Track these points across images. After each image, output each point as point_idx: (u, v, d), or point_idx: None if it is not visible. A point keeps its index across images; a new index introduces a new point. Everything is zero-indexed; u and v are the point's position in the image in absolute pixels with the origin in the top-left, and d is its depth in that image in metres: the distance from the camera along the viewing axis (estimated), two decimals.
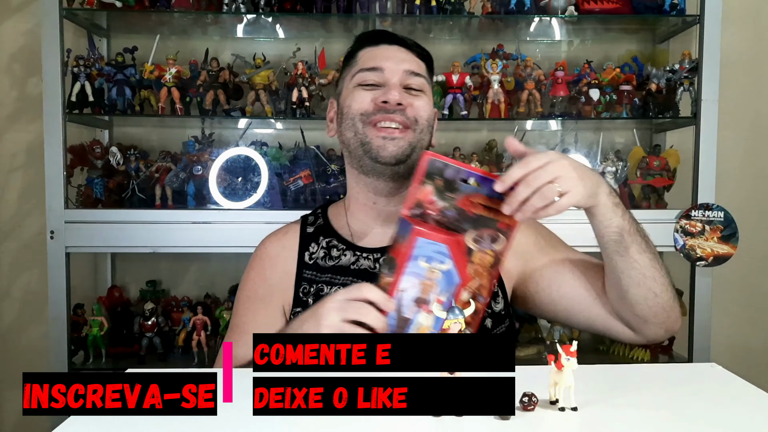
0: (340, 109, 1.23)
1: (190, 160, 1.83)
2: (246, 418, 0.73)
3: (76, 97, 1.79)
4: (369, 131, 1.17)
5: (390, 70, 1.19)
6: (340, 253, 1.21)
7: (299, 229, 1.26)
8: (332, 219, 1.27)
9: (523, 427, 0.75)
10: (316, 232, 1.25)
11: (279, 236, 1.28)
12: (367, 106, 1.18)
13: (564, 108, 1.93)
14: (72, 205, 1.79)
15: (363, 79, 1.20)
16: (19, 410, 2.09)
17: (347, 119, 1.20)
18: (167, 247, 1.79)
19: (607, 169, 1.85)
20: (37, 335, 2.06)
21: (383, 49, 1.23)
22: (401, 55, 1.22)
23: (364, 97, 1.18)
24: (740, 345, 2.17)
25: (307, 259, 1.22)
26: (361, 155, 1.18)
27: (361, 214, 1.24)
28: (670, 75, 1.85)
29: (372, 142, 1.17)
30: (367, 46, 1.24)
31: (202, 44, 1.95)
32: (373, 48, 1.23)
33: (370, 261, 1.19)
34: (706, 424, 0.78)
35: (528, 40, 2.12)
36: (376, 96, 1.17)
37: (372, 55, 1.22)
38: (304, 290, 1.19)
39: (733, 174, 2.11)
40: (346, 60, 1.28)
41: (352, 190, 1.26)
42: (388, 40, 1.24)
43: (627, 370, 1.03)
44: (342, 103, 1.22)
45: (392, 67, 1.19)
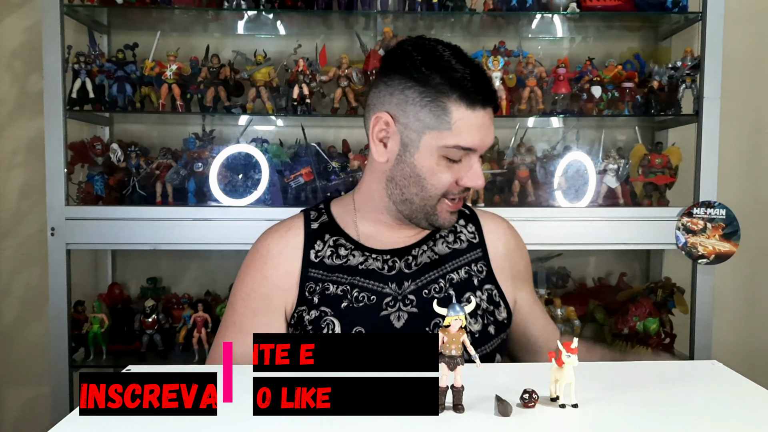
0: (411, 165, 1.12)
1: (191, 157, 1.83)
2: (246, 418, 0.73)
3: (76, 94, 1.79)
4: (441, 206, 1.14)
5: (480, 150, 1.12)
6: (348, 253, 1.19)
7: (302, 225, 1.22)
8: (337, 217, 1.24)
9: (524, 424, 0.75)
10: (321, 229, 1.22)
11: (281, 233, 1.23)
12: (449, 186, 1.12)
13: (566, 105, 1.93)
14: (72, 202, 1.79)
15: (452, 155, 1.10)
16: (20, 407, 2.11)
17: (420, 186, 1.12)
18: (168, 244, 1.78)
19: (609, 167, 1.84)
20: (37, 332, 2.06)
21: (479, 116, 1.09)
22: (490, 122, 1.12)
23: (448, 178, 1.11)
24: (741, 343, 2.17)
25: (313, 257, 1.19)
26: (420, 217, 1.16)
27: (374, 221, 1.22)
28: (672, 72, 1.85)
29: (440, 215, 1.15)
30: (461, 103, 1.08)
31: (203, 41, 1.95)
32: (469, 113, 1.08)
33: (379, 262, 1.18)
34: (706, 422, 0.77)
35: (530, 37, 2.11)
36: (459, 177, 1.11)
37: (470, 127, 1.08)
38: (310, 289, 1.17)
39: (735, 172, 2.11)
40: (423, 91, 1.09)
41: (374, 203, 1.21)
42: (483, 102, 1.10)
43: (628, 368, 1.03)
44: (416, 161, 1.11)
45: (484, 148, 1.12)
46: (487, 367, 1.06)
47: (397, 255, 1.20)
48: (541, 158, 1.90)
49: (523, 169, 1.85)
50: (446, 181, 1.11)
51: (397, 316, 1.15)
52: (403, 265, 1.19)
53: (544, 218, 1.79)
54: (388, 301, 1.15)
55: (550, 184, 1.85)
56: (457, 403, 0.77)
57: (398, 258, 1.19)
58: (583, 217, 1.81)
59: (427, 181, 1.12)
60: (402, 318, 1.15)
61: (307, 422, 0.74)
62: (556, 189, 1.84)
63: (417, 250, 1.21)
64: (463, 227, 1.26)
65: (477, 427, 0.74)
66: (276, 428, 0.73)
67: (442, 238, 1.24)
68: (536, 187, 1.86)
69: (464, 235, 1.25)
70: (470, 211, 1.31)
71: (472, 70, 1.09)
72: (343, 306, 1.14)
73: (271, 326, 1.17)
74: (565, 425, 0.76)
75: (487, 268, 1.24)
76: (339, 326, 1.13)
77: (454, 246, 1.23)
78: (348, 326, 1.13)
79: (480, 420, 0.75)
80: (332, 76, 1.84)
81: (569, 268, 2.12)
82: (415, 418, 0.75)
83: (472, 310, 1.15)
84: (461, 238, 1.25)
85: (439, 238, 1.23)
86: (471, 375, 0.78)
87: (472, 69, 1.09)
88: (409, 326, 1.14)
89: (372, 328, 1.13)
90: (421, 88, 1.09)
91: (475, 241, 1.26)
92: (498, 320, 1.20)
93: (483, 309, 1.19)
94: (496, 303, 1.21)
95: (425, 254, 1.21)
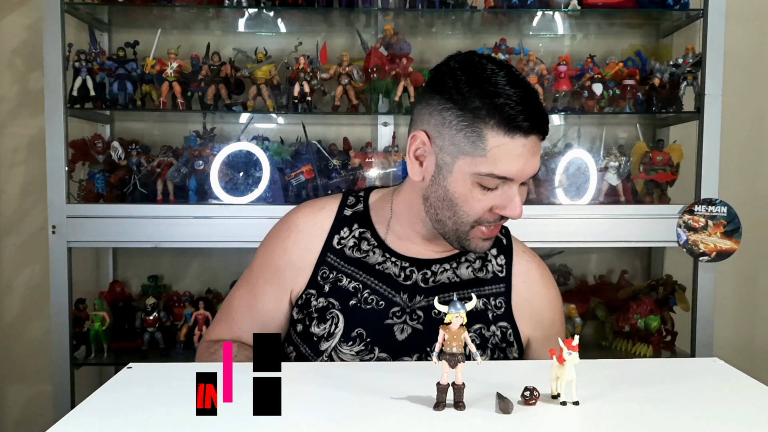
0: (444, 188, 1.06)
1: (192, 155, 1.83)
2: (246, 418, 0.73)
3: (77, 92, 1.79)
4: (475, 232, 1.08)
5: (519, 179, 1.03)
6: (369, 249, 1.17)
7: (337, 208, 1.20)
8: (373, 210, 1.20)
9: (524, 421, 0.75)
10: (353, 217, 1.19)
11: (315, 211, 1.21)
12: (483, 213, 1.06)
13: (567, 103, 1.93)
14: (73, 200, 1.79)
15: (487, 183, 1.03)
16: (22, 403, 2.11)
17: (452, 210, 1.07)
18: (169, 242, 1.79)
19: (610, 164, 1.84)
20: (39, 330, 2.06)
21: (518, 144, 1.00)
22: (534, 151, 1.03)
23: (483, 206, 1.05)
24: (742, 341, 2.17)
25: (334, 243, 1.17)
26: (452, 239, 1.11)
27: (409, 227, 1.17)
28: (674, 69, 1.85)
29: (473, 241, 1.09)
30: (499, 130, 1.00)
31: (204, 39, 1.95)
32: (508, 140, 1.00)
33: (397, 268, 1.15)
34: (709, 419, 0.77)
35: (531, 35, 2.11)
36: (496, 204, 1.04)
37: (506, 155, 1.00)
38: (323, 274, 1.16)
39: (736, 169, 2.10)
40: (460, 114, 1.02)
41: (412, 212, 1.15)
42: (525, 130, 1.00)
43: (629, 365, 1.03)
44: (449, 185, 1.06)
45: (523, 177, 1.03)
46: (489, 365, 1.06)
47: (416, 265, 1.16)
48: (543, 156, 1.89)
49: None
50: (480, 208, 1.05)
51: (401, 328, 1.13)
52: (420, 277, 1.15)
53: (545, 216, 1.79)
54: (396, 311, 1.13)
55: (552, 182, 1.85)
56: (458, 400, 0.77)
57: (416, 269, 1.16)
58: (584, 215, 1.81)
59: (459, 207, 1.06)
60: (406, 331, 1.12)
61: (307, 422, 0.74)
62: (558, 186, 1.84)
63: (438, 267, 1.16)
64: (494, 257, 1.20)
65: (478, 424, 0.74)
66: (276, 428, 0.73)
67: (468, 262, 1.18)
68: (537, 184, 1.86)
69: (492, 265, 1.19)
70: (508, 241, 1.24)
71: (519, 93, 1.00)
72: (351, 303, 1.13)
73: (277, 299, 1.17)
74: (567, 423, 0.76)
75: (506, 306, 1.18)
76: (342, 323, 1.13)
77: (479, 274, 1.18)
78: (351, 325, 1.13)
79: (481, 417, 0.75)
80: (333, 73, 1.84)
81: (570, 265, 2.12)
82: (415, 416, 0.75)
83: (480, 342, 1.14)
84: (488, 267, 1.19)
85: (464, 261, 1.18)
86: (472, 372, 0.78)
87: (519, 92, 1.01)
88: (411, 341, 1.12)
89: (373, 333, 1.12)
90: (458, 111, 1.02)
91: (502, 275, 1.19)
92: (508, 358, 1.16)
93: (493, 344, 1.15)
94: (509, 342, 1.16)
95: (445, 273, 1.16)
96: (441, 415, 0.76)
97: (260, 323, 1.17)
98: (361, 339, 1.12)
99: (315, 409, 0.79)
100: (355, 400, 0.81)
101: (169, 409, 0.78)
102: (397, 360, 1.12)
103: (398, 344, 1.12)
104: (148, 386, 0.87)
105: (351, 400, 0.81)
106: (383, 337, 1.12)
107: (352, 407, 0.79)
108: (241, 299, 1.21)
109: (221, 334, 1.21)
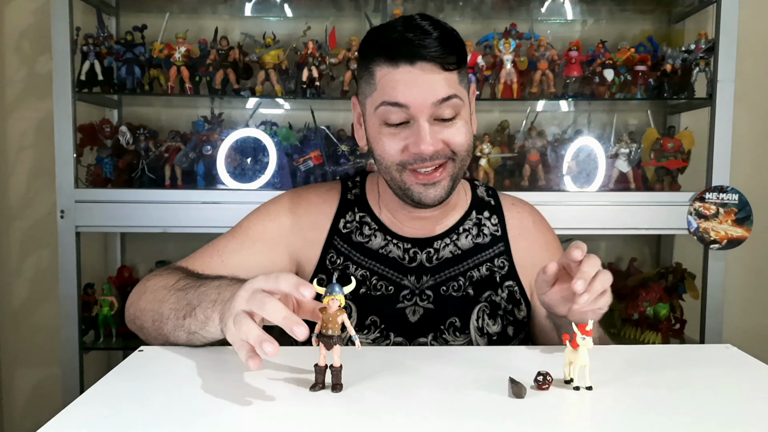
0: (370, 146, 1.11)
1: (200, 139, 1.82)
2: (247, 418, 0.73)
3: (85, 76, 1.78)
4: (407, 178, 1.07)
5: (417, 107, 1.02)
6: (371, 233, 1.18)
7: (340, 191, 1.22)
8: (368, 192, 1.22)
9: (537, 406, 0.75)
10: (355, 201, 1.21)
11: (323, 190, 1.23)
12: (399, 156, 1.06)
13: (577, 88, 1.91)
14: (82, 185, 1.79)
15: (386, 117, 1.05)
16: (31, 387, 2.12)
17: (380, 164, 1.09)
18: (177, 227, 1.78)
19: (621, 151, 1.83)
20: (47, 314, 2.06)
21: (404, 72, 1.02)
22: (427, 77, 1.02)
23: (393, 146, 1.06)
24: (752, 329, 2.16)
25: (341, 227, 1.18)
26: (402, 197, 1.11)
27: (393, 205, 1.18)
28: (686, 55, 1.82)
29: (412, 188, 1.08)
30: (382, 61, 1.04)
31: (212, 23, 1.94)
32: (392, 69, 1.03)
33: (400, 251, 1.16)
34: (722, 404, 0.77)
35: (541, 20, 2.09)
36: (407, 144, 1.05)
37: (392, 82, 1.03)
38: (331, 258, 1.16)
39: (748, 156, 2.09)
40: (362, 63, 1.09)
41: (386, 193, 1.18)
42: (408, 56, 1.01)
43: (642, 351, 1.03)
44: (370, 138, 1.11)
45: (419, 104, 1.02)
46: (502, 350, 1.06)
47: (419, 246, 1.17)
48: (552, 142, 1.88)
49: (533, 152, 1.83)
50: (392, 149, 1.06)
51: (412, 310, 1.14)
52: (425, 257, 1.17)
53: (554, 202, 1.77)
54: (405, 294, 1.14)
55: (561, 168, 1.83)
56: (336, 382, 0.78)
57: (420, 249, 1.17)
58: (594, 202, 1.79)
59: (376, 152, 1.09)
60: (417, 313, 1.14)
61: (308, 422, 0.74)
62: (567, 173, 1.83)
63: (439, 243, 1.18)
64: (488, 219, 1.22)
65: (490, 408, 0.73)
66: (277, 427, 0.73)
67: (467, 231, 1.20)
68: (547, 171, 1.85)
69: (487, 228, 1.21)
70: (496, 201, 1.25)
71: (408, 29, 1.03)
72: (361, 292, 1.14)
73: (255, 258, 1.14)
74: (579, 407, 0.76)
75: (509, 263, 1.19)
76: (356, 313, 1.13)
77: (477, 240, 1.19)
78: (364, 313, 1.13)
79: (493, 402, 0.75)
80: (342, 58, 1.83)
81: None
82: (427, 395, 0.75)
83: (491, 311, 1.14)
84: (484, 231, 1.21)
85: (463, 231, 1.20)
86: (485, 357, 0.77)
87: (409, 29, 1.03)
88: (424, 322, 1.13)
89: (387, 319, 1.13)
90: (362, 64, 1.09)
91: (498, 234, 1.21)
92: (518, 319, 1.18)
93: (503, 309, 1.16)
94: (516, 301, 1.18)
95: (447, 248, 1.18)
96: (452, 398, 0.75)
97: (245, 269, 1.10)
98: (375, 326, 1.12)
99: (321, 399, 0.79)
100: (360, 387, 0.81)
101: (181, 391, 0.78)
102: (412, 343, 1.12)
103: (411, 327, 1.13)
104: (159, 369, 0.87)
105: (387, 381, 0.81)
106: (397, 321, 1.13)
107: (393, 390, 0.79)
108: (229, 241, 1.17)
109: (203, 267, 1.12)
